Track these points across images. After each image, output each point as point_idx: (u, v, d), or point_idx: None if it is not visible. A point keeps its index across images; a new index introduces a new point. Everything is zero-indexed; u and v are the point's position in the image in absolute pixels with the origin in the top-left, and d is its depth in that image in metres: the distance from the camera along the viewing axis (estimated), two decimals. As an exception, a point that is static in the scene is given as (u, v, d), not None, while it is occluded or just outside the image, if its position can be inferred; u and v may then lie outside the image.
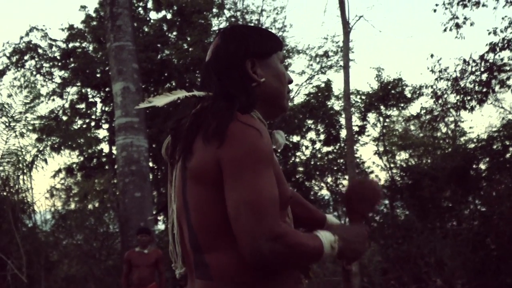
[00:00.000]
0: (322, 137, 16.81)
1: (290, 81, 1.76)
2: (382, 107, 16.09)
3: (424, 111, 13.61)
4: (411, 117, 16.20)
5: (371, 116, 16.45)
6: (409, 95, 15.29)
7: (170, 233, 1.68)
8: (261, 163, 1.44)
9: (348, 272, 2.04)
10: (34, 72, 14.84)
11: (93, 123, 15.58)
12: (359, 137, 16.45)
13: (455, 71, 11.52)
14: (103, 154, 15.47)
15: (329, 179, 16.74)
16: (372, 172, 16.21)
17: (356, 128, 16.23)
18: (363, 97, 16.14)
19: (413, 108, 29.48)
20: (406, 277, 10.02)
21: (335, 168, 16.55)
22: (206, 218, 1.50)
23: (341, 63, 13.92)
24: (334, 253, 1.53)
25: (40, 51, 14.88)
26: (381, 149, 16.51)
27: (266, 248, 1.39)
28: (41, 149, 10.33)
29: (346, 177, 13.50)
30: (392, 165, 16.05)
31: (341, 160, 16.33)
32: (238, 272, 1.48)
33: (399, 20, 37.10)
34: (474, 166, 12.38)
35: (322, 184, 16.78)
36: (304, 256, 1.50)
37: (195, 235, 1.53)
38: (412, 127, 18.45)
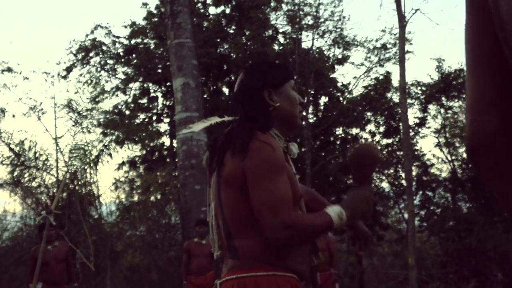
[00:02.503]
0: (381, 129, 16.67)
1: (302, 103, 2.23)
2: (443, 98, 15.81)
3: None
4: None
5: (432, 108, 16.20)
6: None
7: (210, 225, 2.17)
8: (274, 171, 1.94)
9: (360, 257, 2.49)
10: (99, 69, 15.36)
11: (154, 117, 15.99)
12: (419, 129, 16.22)
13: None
14: (165, 147, 15.86)
15: (390, 171, 16.59)
16: (432, 164, 15.97)
17: (416, 120, 16.03)
18: (424, 88, 15.89)
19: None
20: (466, 270, 9.90)
21: (395, 160, 16.39)
22: (235, 213, 2.02)
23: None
24: (344, 222, 1.99)
25: (104, 48, 15.38)
26: (442, 140, 16.24)
27: (282, 236, 1.93)
28: (106, 144, 10.72)
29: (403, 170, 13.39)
30: (453, 158, 15.78)
31: (401, 152, 16.15)
32: (258, 253, 1.98)
33: (456, 11, 36.07)
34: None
35: (383, 177, 16.66)
36: (315, 232, 2.06)
37: (228, 225, 2.05)
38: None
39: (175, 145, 13.38)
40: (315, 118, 16.22)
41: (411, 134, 16.04)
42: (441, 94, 15.65)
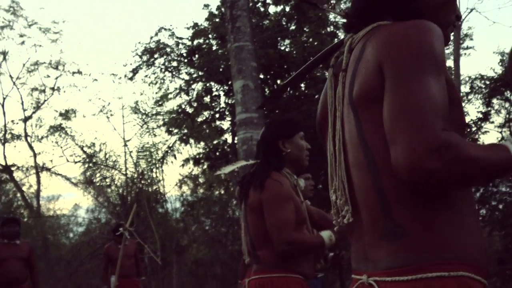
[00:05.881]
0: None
1: (308, 148, 2.93)
2: (507, 92, 15.55)
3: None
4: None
5: (496, 102, 15.96)
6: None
7: (243, 239, 2.98)
8: (282, 202, 2.69)
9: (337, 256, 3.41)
10: (163, 70, 15.94)
11: (217, 115, 16.45)
12: (483, 124, 16.01)
13: None
14: (227, 144, 16.30)
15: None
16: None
17: (479, 115, 15.84)
18: (487, 82, 15.67)
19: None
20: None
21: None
22: (257, 231, 2.80)
23: (460, 50, 13.69)
24: (333, 242, 2.08)
25: (168, 49, 15.94)
26: (506, 135, 15.96)
27: (285, 249, 2.70)
28: (170, 145, 11.25)
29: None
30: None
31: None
32: (273, 260, 2.72)
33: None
34: None
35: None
36: (311, 248, 2.82)
37: (252, 240, 2.84)
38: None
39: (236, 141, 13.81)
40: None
41: (474, 129, 15.90)
42: (505, 88, 15.40)
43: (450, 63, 15.53)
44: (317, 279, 3.51)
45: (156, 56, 15.91)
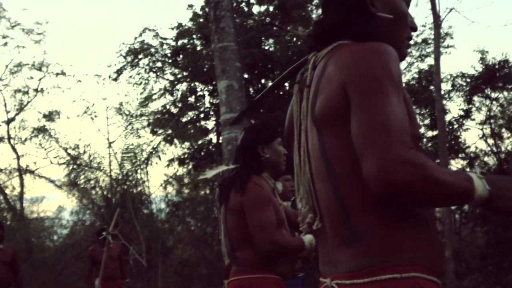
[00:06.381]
0: (426, 121, 16.71)
1: (285, 154, 3.01)
2: (488, 90, 15.74)
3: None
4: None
5: (476, 100, 16.14)
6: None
7: (222, 240, 3.02)
8: (262, 204, 2.80)
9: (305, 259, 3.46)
10: (147, 70, 15.92)
11: (202, 115, 16.47)
12: (464, 121, 16.19)
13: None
14: (212, 144, 16.32)
15: (436, 162, 16.62)
16: (477, 156, 15.93)
17: (461, 112, 16.01)
18: (468, 80, 15.84)
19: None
20: (506, 262, 10.02)
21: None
22: (237, 233, 2.88)
23: (440, 48, 13.83)
24: (313, 246, 1.95)
25: (152, 50, 15.92)
26: (487, 132, 16.15)
27: (268, 249, 2.77)
28: (154, 146, 11.25)
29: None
30: (499, 150, 15.70)
31: (446, 145, 16.15)
32: (252, 261, 2.81)
33: (494, 7, 35.36)
34: None
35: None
36: (291, 250, 2.87)
37: (231, 241, 2.92)
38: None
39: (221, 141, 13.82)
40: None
41: (456, 126, 16.06)
42: (486, 86, 15.59)
43: (431, 61, 15.68)
44: (297, 278, 3.57)
45: (140, 56, 15.89)
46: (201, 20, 16.23)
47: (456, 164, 16.29)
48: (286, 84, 15.54)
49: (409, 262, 1.34)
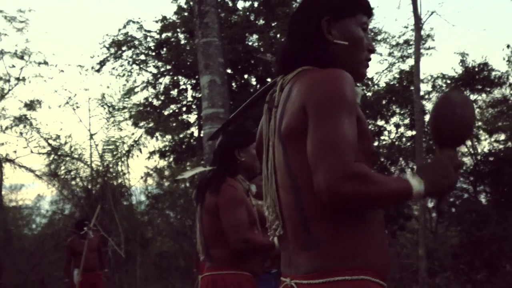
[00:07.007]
0: (406, 121, 16.91)
1: (258, 168, 3.09)
2: (467, 91, 15.96)
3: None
4: (496, 102, 15.99)
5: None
6: (495, 80, 15.10)
7: (198, 238, 3.22)
8: (235, 205, 2.97)
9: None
10: (131, 62, 15.93)
11: (184, 109, 16.52)
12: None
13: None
14: (193, 138, 16.39)
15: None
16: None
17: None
18: (448, 82, 16.06)
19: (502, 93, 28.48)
20: (477, 261, 10.28)
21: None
22: (211, 231, 3.05)
23: (421, 50, 14.03)
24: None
25: (135, 42, 15.93)
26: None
27: (240, 248, 2.91)
28: (136, 139, 11.30)
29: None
30: (476, 151, 15.95)
31: (424, 145, 16.37)
32: (225, 258, 2.98)
33: (475, 11, 35.79)
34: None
35: (408, 170, 16.88)
36: (263, 249, 2.99)
37: (206, 239, 3.08)
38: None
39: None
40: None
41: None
42: (465, 87, 15.82)
43: (412, 62, 15.88)
44: (271, 274, 3.71)
45: (124, 48, 15.88)
46: (186, 14, 16.25)
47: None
48: (268, 80, 15.65)
49: (359, 266, 1.54)
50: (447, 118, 1.68)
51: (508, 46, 12.18)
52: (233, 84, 15.85)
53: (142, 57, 16.16)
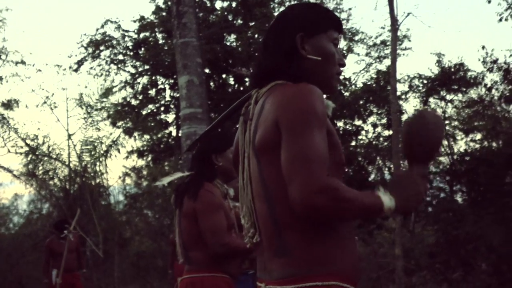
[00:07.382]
0: (383, 121, 17.08)
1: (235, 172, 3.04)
2: (443, 92, 16.18)
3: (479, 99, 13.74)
4: (471, 102, 16.23)
5: (432, 101, 16.58)
6: (471, 81, 15.32)
7: (176, 241, 3.23)
8: (213, 209, 3.02)
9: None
10: (109, 62, 15.86)
11: (162, 108, 16.50)
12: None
13: (505, 62, 11.69)
14: (171, 138, 16.38)
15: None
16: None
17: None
18: (425, 81, 16.25)
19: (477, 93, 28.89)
20: (453, 261, 10.43)
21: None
22: (189, 235, 3.09)
23: (398, 51, 14.21)
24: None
25: (113, 42, 15.86)
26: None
27: (218, 251, 2.98)
28: (114, 139, 11.29)
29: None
30: (452, 151, 16.17)
31: (399, 145, 16.53)
32: (203, 261, 3.03)
33: (450, 13, 36.31)
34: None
35: (385, 169, 17.04)
36: (241, 252, 3.02)
37: (184, 242, 3.13)
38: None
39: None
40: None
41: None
42: (442, 87, 16.03)
43: (388, 62, 16.06)
44: (248, 275, 3.77)
45: (101, 48, 15.81)
46: (164, 14, 16.24)
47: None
48: (247, 79, 15.69)
49: (329, 272, 1.62)
50: (419, 134, 1.75)
51: (483, 47, 12.39)
52: (211, 84, 15.88)
53: (120, 56, 16.11)
